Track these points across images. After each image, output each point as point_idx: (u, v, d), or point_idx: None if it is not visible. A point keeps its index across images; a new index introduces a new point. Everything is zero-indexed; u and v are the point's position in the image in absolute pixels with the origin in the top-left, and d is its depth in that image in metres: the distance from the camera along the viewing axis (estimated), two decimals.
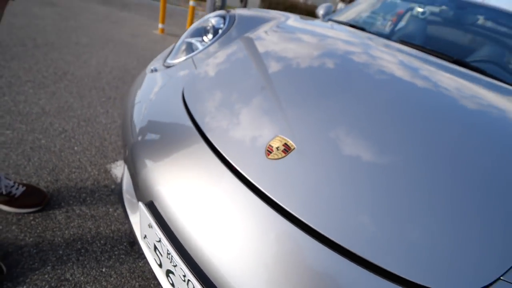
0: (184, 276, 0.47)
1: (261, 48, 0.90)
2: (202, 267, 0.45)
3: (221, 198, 0.49)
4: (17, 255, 0.82)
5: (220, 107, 0.67)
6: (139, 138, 0.66)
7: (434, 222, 0.44)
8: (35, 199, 0.96)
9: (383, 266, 0.39)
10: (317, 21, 1.52)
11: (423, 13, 1.71)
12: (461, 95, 0.82)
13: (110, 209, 1.06)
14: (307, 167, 0.50)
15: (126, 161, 0.77)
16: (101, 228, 0.98)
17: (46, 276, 0.80)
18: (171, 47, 1.11)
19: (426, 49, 1.18)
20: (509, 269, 0.43)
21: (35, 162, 1.17)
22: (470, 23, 1.58)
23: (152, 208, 0.53)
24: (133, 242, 0.96)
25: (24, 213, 0.94)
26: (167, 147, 0.60)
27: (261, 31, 1.05)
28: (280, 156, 0.52)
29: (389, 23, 1.71)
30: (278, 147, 0.53)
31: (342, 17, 1.65)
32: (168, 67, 0.94)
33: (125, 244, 0.95)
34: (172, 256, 0.49)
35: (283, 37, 1.03)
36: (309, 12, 9.74)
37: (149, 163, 0.59)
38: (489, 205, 0.47)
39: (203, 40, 1.11)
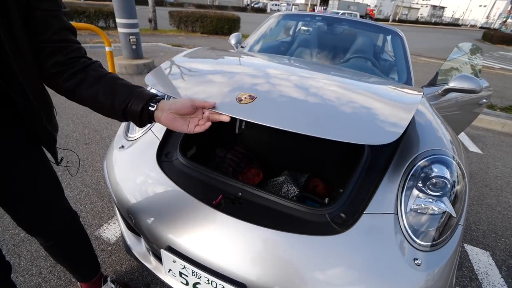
0: (208, 280, 0.77)
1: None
2: (217, 270, 0.76)
3: (209, 228, 0.79)
4: None
5: None
6: (136, 206, 0.91)
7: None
8: None
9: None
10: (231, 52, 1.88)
11: (307, 31, 2.23)
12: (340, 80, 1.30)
13: (117, 267, 1.25)
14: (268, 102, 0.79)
15: (131, 228, 1.01)
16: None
17: None
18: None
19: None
20: None
21: None
22: (339, 33, 2.16)
23: (172, 250, 0.81)
24: (148, 284, 1.19)
25: None
26: (161, 207, 0.87)
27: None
28: (249, 102, 0.75)
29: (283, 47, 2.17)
30: (246, 97, 0.76)
31: (249, 46, 2.06)
32: (131, 141, 1.16)
33: (142, 287, 1.17)
34: (196, 272, 0.78)
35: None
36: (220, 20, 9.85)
37: (153, 223, 0.85)
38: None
39: None
